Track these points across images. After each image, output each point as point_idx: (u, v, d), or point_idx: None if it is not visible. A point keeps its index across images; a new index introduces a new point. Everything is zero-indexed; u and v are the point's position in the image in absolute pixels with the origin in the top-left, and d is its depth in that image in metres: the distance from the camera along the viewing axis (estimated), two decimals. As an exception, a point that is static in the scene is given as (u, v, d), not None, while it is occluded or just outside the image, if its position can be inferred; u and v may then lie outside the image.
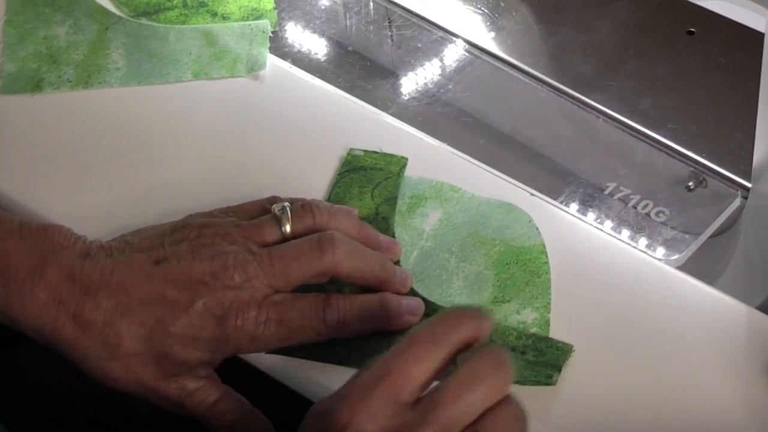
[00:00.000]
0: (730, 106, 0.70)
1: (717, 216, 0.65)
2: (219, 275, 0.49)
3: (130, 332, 0.48)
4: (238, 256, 0.49)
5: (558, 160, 0.69)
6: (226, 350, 0.49)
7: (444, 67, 0.74)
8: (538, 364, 0.50)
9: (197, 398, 0.49)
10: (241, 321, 0.48)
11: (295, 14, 0.76)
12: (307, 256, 0.50)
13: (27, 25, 0.67)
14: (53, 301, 0.48)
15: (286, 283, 0.50)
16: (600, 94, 0.71)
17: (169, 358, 0.48)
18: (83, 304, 0.48)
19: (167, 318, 0.48)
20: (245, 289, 0.49)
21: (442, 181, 0.59)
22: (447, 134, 0.68)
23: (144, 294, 0.48)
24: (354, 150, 0.61)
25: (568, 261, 0.56)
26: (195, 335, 0.48)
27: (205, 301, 0.48)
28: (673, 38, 0.75)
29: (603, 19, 0.77)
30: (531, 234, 0.56)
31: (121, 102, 0.63)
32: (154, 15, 0.68)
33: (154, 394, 0.49)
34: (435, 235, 0.57)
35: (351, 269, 0.50)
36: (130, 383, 0.48)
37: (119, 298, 0.48)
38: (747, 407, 0.50)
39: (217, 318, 0.48)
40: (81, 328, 0.48)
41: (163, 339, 0.48)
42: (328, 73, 0.72)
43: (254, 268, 0.49)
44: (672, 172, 0.67)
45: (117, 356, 0.48)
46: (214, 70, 0.65)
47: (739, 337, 0.53)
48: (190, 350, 0.48)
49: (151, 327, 0.48)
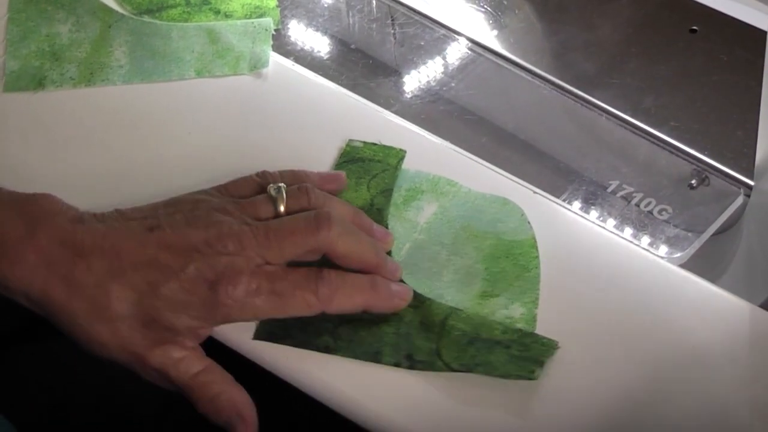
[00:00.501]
0: (732, 104, 0.70)
1: (720, 214, 0.65)
2: (213, 243, 0.49)
3: (121, 295, 0.48)
4: (233, 226, 0.50)
5: (560, 158, 0.69)
6: (216, 317, 0.49)
7: (447, 65, 0.74)
8: (522, 359, 0.50)
9: (181, 368, 0.49)
10: (233, 287, 0.48)
11: (297, 12, 0.76)
12: (302, 231, 0.50)
13: (30, 22, 0.67)
14: (43, 263, 0.48)
15: (279, 256, 0.50)
16: (602, 92, 0.71)
17: (158, 323, 0.48)
18: (74, 266, 0.48)
19: (158, 281, 0.48)
20: (238, 258, 0.49)
21: (440, 175, 0.59)
22: (449, 132, 0.68)
23: (136, 258, 0.48)
24: (353, 141, 0.61)
25: (571, 259, 0.56)
26: (185, 300, 0.48)
27: (198, 266, 0.48)
28: (676, 36, 0.75)
29: (605, 17, 0.77)
30: (522, 228, 0.56)
31: (124, 100, 0.63)
32: (156, 13, 0.68)
33: (138, 362, 0.49)
34: (428, 228, 0.57)
35: (344, 249, 0.51)
36: (116, 349, 0.48)
37: (111, 261, 0.48)
38: (750, 405, 0.50)
39: (209, 283, 0.48)
40: (71, 290, 0.48)
41: (152, 302, 0.48)
42: (331, 70, 0.72)
43: (249, 238, 0.49)
44: (675, 170, 0.67)
45: (105, 318, 0.48)
46: (216, 68, 0.65)
47: (742, 334, 0.53)
48: (179, 315, 0.48)
49: (141, 290, 0.48)
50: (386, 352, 0.51)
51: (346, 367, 0.51)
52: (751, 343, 0.52)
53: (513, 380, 0.50)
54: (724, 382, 0.51)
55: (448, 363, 0.50)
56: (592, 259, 0.56)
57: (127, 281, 0.48)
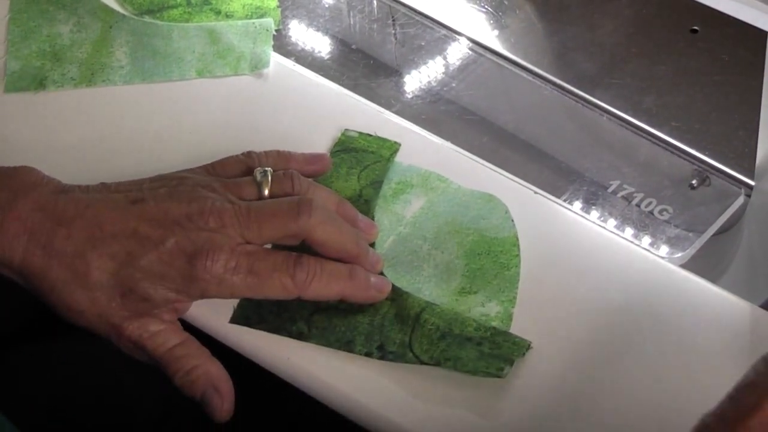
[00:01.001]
0: (733, 104, 0.70)
1: (720, 214, 0.65)
2: (195, 218, 0.49)
3: (100, 263, 0.48)
4: (215, 203, 0.50)
5: (561, 158, 0.69)
6: (193, 291, 0.49)
7: (447, 65, 0.74)
8: (492, 357, 0.50)
9: (158, 340, 0.49)
10: (211, 262, 0.48)
11: (298, 12, 0.76)
12: (284, 214, 0.50)
13: (31, 23, 0.67)
14: (24, 231, 0.48)
15: (259, 237, 0.50)
16: (603, 92, 0.71)
17: (135, 293, 0.48)
18: (54, 235, 0.48)
19: (138, 252, 0.48)
20: (219, 235, 0.49)
21: (431, 170, 0.59)
22: (450, 132, 0.68)
23: (117, 228, 0.49)
24: (348, 131, 0.61)
25: (572, 259, 0.56)
26: (163, 272, 0.48)
27: (178, 239, 0.49)
28: (677, 36, 0.75)
29: (606, 17, 0.77)
30: (505, 225, 0.56)
31: (125, 100, 0.63)
32: (157, 13, 0.68)
33: (115, 333, 0.49)
34: (414, 222, 0.57)
35: (324, 236, 0.51)
36: (94, 318, 0.49)
37: (92, 230, 0.49)
38: (750, 405, 0.50)
39: (188, 256, 0.48)
40: (51, 258, 0.48)
41: (131, 273, 0.48)
42: (332, 71, 0.72)
43: (230, 216, 0.50)
44: (675, 170, 0.67)
45: (84, 286, 0.48)
46: (217, 69, 0.65)
47: (743, 334, 0.53)
48: (157, 287, 0.48)
49: (120, 260, 0.48)
50: (358, 341, 0.51)
51: (323, 353, 0.51)
52: (751, 343, 0.52)
53: (499, 378, 0.50)
54: (725, 382, 0.51)
55: (418, 355, 0.50)
56: (593, 259, 0.56)
57: (106, 251, 0.48)
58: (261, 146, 0.61)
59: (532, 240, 0.56)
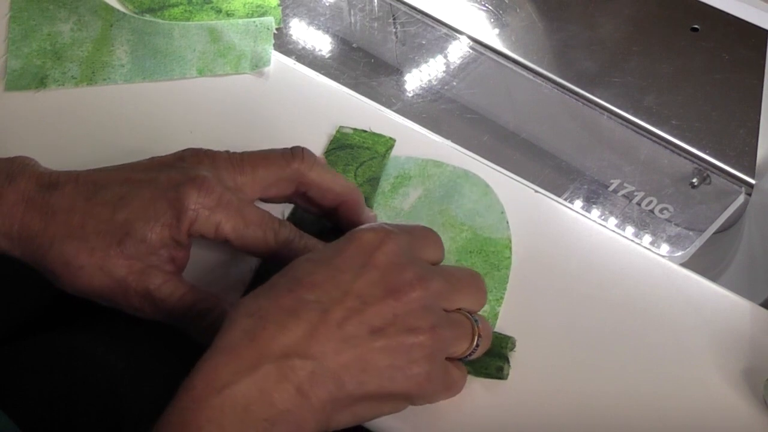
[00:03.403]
0: (734, 103, 0.70)
1: (721, 213, 0.65)
2: (187, 158, 0.51)
3: (94, 212, 0.49)
4: (209, 150, 0.52)
5: (562, 157, 0.69)
6: (183, 225, 0.49)
7: (448, 63, 0.74)
8: (486, 355, 0.50)
9: (165, 291, 0.49)
10: (204, 193, 0.49)
11: (299, 11, 0.76)
12: (277, 158, 0.51)
13: (31, 21, 0.67)
14: (21, 200, 0.49)
15: (252, 180, 0.51)
16: (604, 91, 0.71)
17: (131, 237, 0.48)
18: (50, 196, 0.49)
19: (130, 194, 0.49)
20: (211, 172, 0.50)
21: (427, 158, 0.59)
22: (451, 130, 0.68)
23: (110, 180, 0.50)
24: (343, 128, 0.61)
25: (572, 257, 0.56)
26: (156, 208, 0.49)
27: (170, 174, 0.50)
28: (677, 35, 0.75)
29: (607, 15, 0.77)
30: (500, 226, 0.56)
31: (126, 99, 0.63)
32: (158, 12, 0.68)
33: (121, 290, 0.49)
34: (411, 212, 0.57)
35: (317, 180, 0.52)
36: (97, 273, 0.49)
37: (85, 186, 0.50)
38: (750, 403, 0.50)
39: (178, 185, 0.49)
40: (48, 218, 0.49)
41: (124, 216, 0.48)
42: (333, 69, 0.72)
43: (224, 160, 0.51)
44: (676, 169, 0.67)
45: (81, 237, 0.48)
46: (218, 67, 0.65)
47: (743, 333, 0.53)
48: (151, 226, 0.48)
49: (114, 205, 0.49)
50: None
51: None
52: (751, 341, 0.52)
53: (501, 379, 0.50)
54: (725, 380, 0.51)
55: None
56: (594, 258, 0.56)
57: (99, 199, 0.49)
58: (261, 144, 0.61)
59: (532, 239, 0.56)
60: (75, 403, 0.54)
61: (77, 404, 0.53)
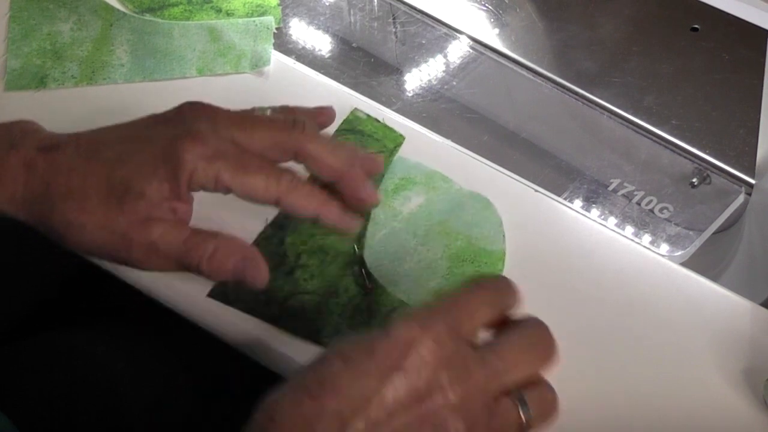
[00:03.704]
0: (734, 103, 0.70)
1: (721, 212, 0.65)
2: (186, 112, 0.50)
3: (94, 170, 0.49)
4: (209, 104, 0.51)
5: (562, 157, 0.69)
6: (182, 177, 0.48)
7: (448, 63, 0.74)
8: None
9: (168, 238, 0.49)
10: (201, 145, 0.48)
11: (299, 10, 0.76)
12: (279, 125, 0.51)
13: (31, 21, 0.67)
14: (23, 165, 0.49)
15: (249, 140, 0.50)
16: (604, 91, 0.71)
17: (130, 192, 0.48)
18: (51, 159, 0.49)
19: (129, 151, 0.49)
20: (209, 126, 0.49)
21: (436, 170, 0.59)
22: (451, 130, 0.68)
23: (109, 139, 0.50)
24: (357, 111, 0.61)
25: (572, 257, 0.56)
26: (154, 163, 0.48)
27: (168, 129, 0.49)
28: (677, 35, 0.75)
29: (607, 15, 0.77)
30: (497, 238, 0.56)
31: (126, 98, 0.63)
32: (158, 11, 0.68)
33: (124, 244, 0.48)
34: (409, 218, 0.57)
35: (315, 152, 0.51)
36: (97, 230, 0.48)
37: (86, 146, 0.50)
38: (750, 403, 0.50)
39: (175, 138, 0.48)
40: (49, 179, 0.49)
41: (123, 172, 0.48)
42: (333, 69, 0.72)
43: (223, 115, 0.50)
44: (676, 169, 0.67)
45: (81, 197, 0.48)
46: (218, 67, 0.65)
47: (743, 333, 0.53)
48: (150, 180, 0.48)
49: (113, 163, 0.49)
50: (326, 332, 0.52)
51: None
52: (751, 340, 0.52)
53: None
54: (725, 379, 0.51)
55: None
56: (593, 257, 0.56)
57: (99, 158, 0.49)
58: (262, 144, 0.61)
59: (532, 238, 0.56)
60: (75, 402, 0.54)
61: (77, 404, 0.53)
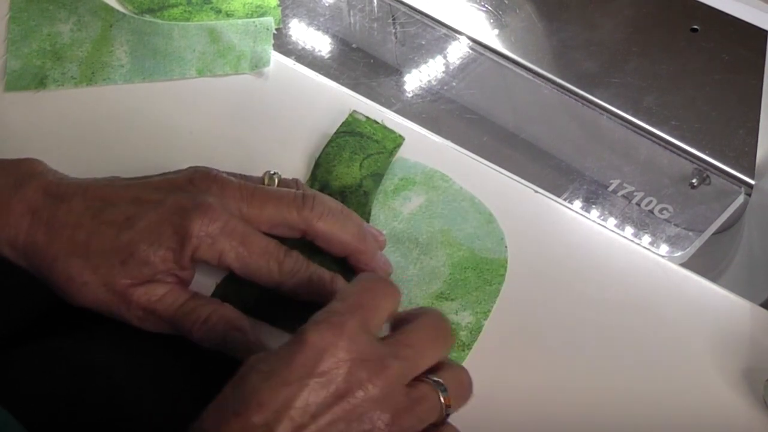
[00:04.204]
0: (733, 104, 0.70)
1: (720, 213, 0.65)
2: (197, 182, 0.50)
3: (99, 230, 0.49)
4: (221, 174, 0.51)
5: (561, 157, 0.69)
6: (186, 250, 0.49)
7: (448, 64, 0.74)
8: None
9: (167, 301, 0.49)
10: (208, 221, 0.48)
11: (299, 11, 0.76)
12: (288, 202, 0.51)
13: (31, 21, 0.67)
14: (28, 211, 0.49)
15: (258, 216, 0.50)
16: (603, 91, 0.71)
17: (135, 258, 0.48)
18: (57, 210, 0.49)
19: (137, 215, 0.49)
20: (218, 200, 0.49)
21: (435, 169, 0.59)
22: (450, 131, 0.68)
23: (118, 197, 0.50)
24: (356, 113, 0.61)
25: (572, 258, 0.56)
26: (160, 231, 0.48)
27: (178, 198, 0.49)
28: (677, 35, 0.75)
29: (606, 16, 0.77)
30: (499, 250, 0.56)
31: (125, 99, 0.63)
32: (158, 12, 0.68)
33: (123, 302, 0.49)
34: (410, 219, 0.57)
35: (325, 230, 0.51)
36: (99, 288, 0.49)
37: (92, 202, 0.50)
38: (750, 404, 0.50)
39: (185, 211, 0.48)
40: (53, 232, 0.49)
41: (130, 236, 0.48)
42: (332, 70, 0.72)
43: (233, 189, 0.50)
44: (675, 169, 0.67)
45: (85, 255, 0.48)
46: (218, 67, 0.65)
47: (743, 333, 0.53)
48: (156, 248, 0.48)
49: (119, 225, 0.49)
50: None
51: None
52: (751, 341, 0.52)
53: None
54: (725, 380, 0.51)
55: None
56: (593, 258, 0.56)
57: (105, 217, 0.49)
58: (261, 145, 0.61)
59: (531, 239, 0.56)
60: (75, 408, 0.54)
61: (77, 410, 0.53)
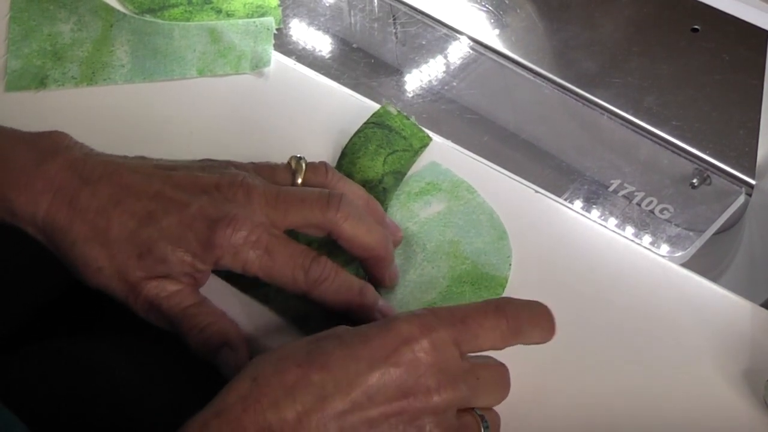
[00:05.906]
0: (734, 104, 0.70)
1: (721, 213, 0.65)
2: (223, 189, 0.50)
3: (121, 220, 0.48)
4: (247, 179, 0.50)
5: (562, 157, 0.69)
6: (208, 258, 0.49)
7: (448, 64, 0.74)
8: None
9: (173, 300, 0.49)
10: (232, 231, 0.48)
11: (299, 11, 0.76)
12: (313, 203, 0.50)
13: (31, 22, 0.67)
14: (50, 188, 0.49)
15: (284, 219, 0.50)
16: (604, 91, 0.71)
17: (152, 254, 0.48)
18: (80, 192, 0.49)
19: (159, 213, 0.49)
20: (244, 208, 0.49)
21: (463, 179, 0.59)
22: (451, 131, 0.68)
23: (142, 189, 0.49)
24: (389, 105, 0.60)
25: (572, 258, 0.56)
26: (182, 235, 0.48)
27: (203, 205, 0.49)
28: (678, 35, 0.75)
29: (607, 16, 0.77)
30: (502, 267, 0.56)
31: (126, 99, 0.63)
32: (158, 12, 0.68)
33: (132, 293, 0.49)
34: (425, 223, 0.57)
35: (351, 232, 0.51)
36: (113, 275, 0.49)
37: (116, 189, 0.49)
38: (750, 404, 0.50)
39: (210, 221, 0.48)
40: (74, 214, 0.49)
41: (150, 232, 0.48)
42: (333, 70, 0.72)
43: (259, 194, 0.50)
44: (676, 169, 0.67)
45: (103, 243, 0.48)
46: (218, 67, 0.65)
47: (743, 333, 0.53)
48: (175, 249, 0.48)
49: (141, 219, 0.48)
50: (314, 317, 0.52)
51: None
52: (752, 341, 0.52)
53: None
54: (725, 380, 0.51)
55: None
56: (594, 258, 0.56)
57: (128, 208, 0.49)
58: (262, 145, 0.61)
59: (532, 239, 0.56)
60: (77, 409, 0.54)
61: (80, 411, 0.53)
